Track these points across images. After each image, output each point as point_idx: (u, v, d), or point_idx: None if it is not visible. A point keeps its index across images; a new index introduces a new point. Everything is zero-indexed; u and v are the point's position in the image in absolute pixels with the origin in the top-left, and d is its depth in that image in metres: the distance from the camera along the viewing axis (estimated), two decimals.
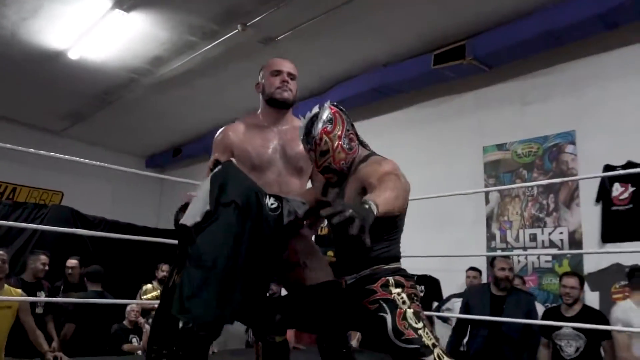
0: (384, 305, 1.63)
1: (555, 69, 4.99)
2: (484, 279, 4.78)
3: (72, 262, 5.32)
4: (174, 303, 1.68)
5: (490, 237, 5.23)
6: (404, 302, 1.64)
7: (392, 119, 6.17)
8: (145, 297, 5.84)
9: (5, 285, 3.99)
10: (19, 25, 5.33)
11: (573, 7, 4.35)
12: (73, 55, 5.89)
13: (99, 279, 5.08)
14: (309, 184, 2.22)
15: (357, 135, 1.88)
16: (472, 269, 4.80)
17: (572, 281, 3.73)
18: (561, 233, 4.74)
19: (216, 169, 1.87)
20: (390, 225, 1.71)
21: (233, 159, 1.94)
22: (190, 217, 1.76)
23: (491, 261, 4.15)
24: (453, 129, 5.70)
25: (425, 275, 5.14)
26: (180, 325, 1.78)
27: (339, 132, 1.79)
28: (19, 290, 4.18)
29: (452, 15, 4.88)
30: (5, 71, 6.38)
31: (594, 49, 4.70)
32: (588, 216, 4.57)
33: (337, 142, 1.78)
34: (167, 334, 1.84)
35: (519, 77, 5.24)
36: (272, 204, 1.87)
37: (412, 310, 1.63)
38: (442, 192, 4.03)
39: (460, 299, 4.39)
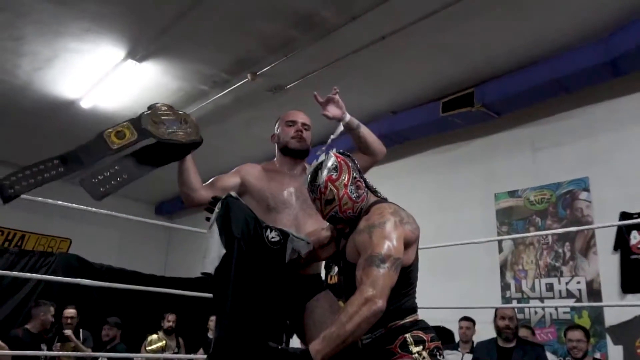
0: None
1: (565, 115, 4.97)
2: (484, 330, 4.58)
3: (70, 311, 5.15)
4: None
5: (505, 286, 5.08)
6: None
7: (401, 167, 6.14)
8: (150, 348, 5.69)
9: None
10: (32, 75, 5.45)
11: (579, 56, 4.38)
12: (85, 104, 5.98)
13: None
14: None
15: (365, 181, 1.81)
16: (465, 319, 4.66)
17: (577, 334, 3.68)
18: (579, 283, 4.58)
19: (217, 209, 1.81)
20: (404, 279, 1.63)
21: (233, 193, 1.89)
22: (210, 264, 1.71)
23: (495, 312, 4.10)
24: (463, 176, 5.65)
25: (438, 327, 4.96)
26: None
27: (345, 181, 1.73)
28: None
29: (460, 63, 4.93)
30: (18, 120, 6.48)
31: (604, 96, 4.69)
32: (606, 265, 4.43)
33: (343, 191, 1.71)
34: None
35: (528, 123, 5.22)
36: (272, 238, 1.83)
37: None
38: (454, 240, 3.94)
39: (454, 352, 4.35)
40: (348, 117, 2.16)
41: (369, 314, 1.45)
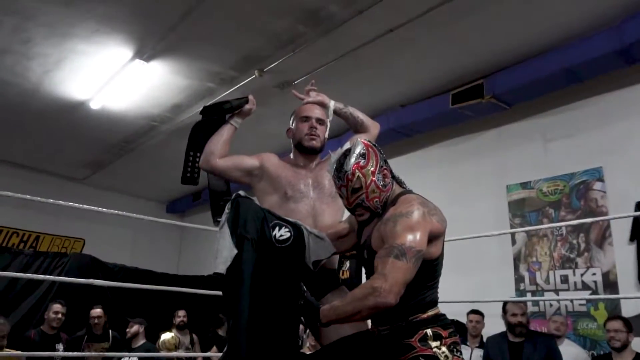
0: None
1: (577, 104, 4.90)
2: (497, 324, 4.51)
3: (96, 311, 5.23)
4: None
5: (519, 279, 5.03)
6: (446, 357, 1.54)
7: (411, 160, 6.09)
8: (164, 345, 5.71)
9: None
10: (42, 78, 5.48)
11: (590, 44, 4.29)
12: (95, 105, 6.00)
13: None
14: (345, 213, 2.10)
15: (391, 171, 1.78)
16: (474, 312, 4.60)
17: (615, 324, 3.58)
18: (594, 274, 4.52)
19: (227, 209, 1.81)
20: (429, 271, 1.61)
21: (241, 192, 1.87)
22: (222, 264, 1.70)
23: (503, 306, 4.02)
24: (474, 169, 5.60)
25: (452, 321, 4.92)
26: None
27: (373, 168, 1.69)
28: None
29: (469, 54, 4.87)
30: (30, 122, 6.53)
31: (616, 84, 4.61)
32: (622, 256, 4.36)
33: (370, 179, 1.68)
34: None
35: (540, 113, 5.15)
36: (281, 236, 1.79)
37: None
38: (466, 233, 3.89)
39: (462, 347, 4.26)
40: (332, 101, 2.33)
41: (372, 305, 1.45)
